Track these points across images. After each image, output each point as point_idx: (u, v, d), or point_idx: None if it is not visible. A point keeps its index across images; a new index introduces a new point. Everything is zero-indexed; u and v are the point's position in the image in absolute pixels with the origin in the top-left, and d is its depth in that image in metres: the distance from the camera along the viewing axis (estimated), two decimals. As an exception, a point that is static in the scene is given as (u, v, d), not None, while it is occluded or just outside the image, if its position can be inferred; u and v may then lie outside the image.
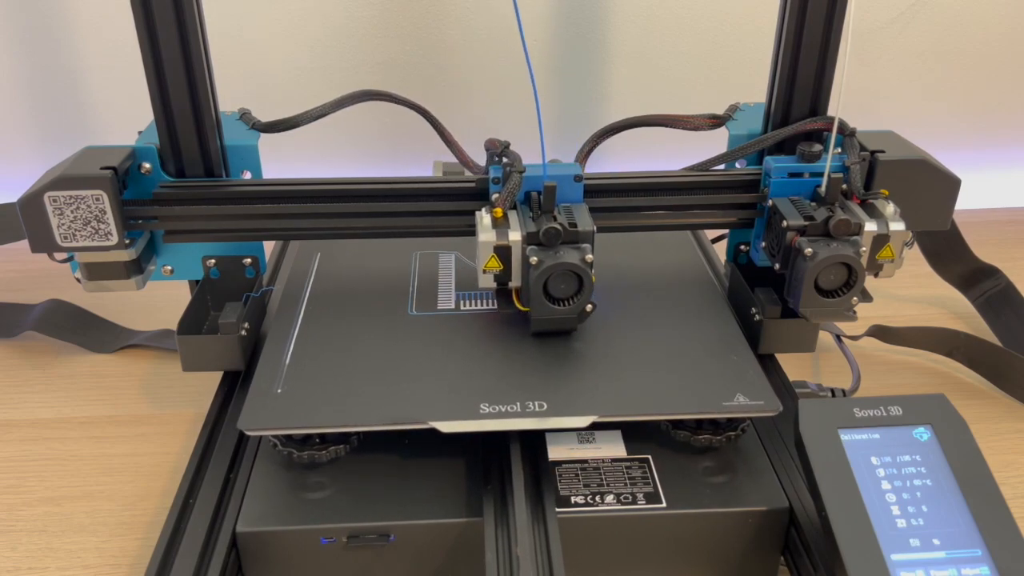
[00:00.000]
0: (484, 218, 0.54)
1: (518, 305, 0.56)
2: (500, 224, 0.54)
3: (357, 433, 0.52)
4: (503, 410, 0.50)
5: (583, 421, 0.50)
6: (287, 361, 0.55)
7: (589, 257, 0.52)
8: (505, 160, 0.56)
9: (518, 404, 0.50)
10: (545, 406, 0.50)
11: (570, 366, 0.54)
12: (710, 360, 0.55)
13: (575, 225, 0.53)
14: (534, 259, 0.52)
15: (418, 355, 0.55)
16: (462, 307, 0.60)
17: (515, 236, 0.53)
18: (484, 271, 0.54)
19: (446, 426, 0.49)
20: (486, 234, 0.53)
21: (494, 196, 0.55)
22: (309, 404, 0.51)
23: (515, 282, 0.55)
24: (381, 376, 0.53)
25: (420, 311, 0.60)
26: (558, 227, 0.52)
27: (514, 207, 0.56)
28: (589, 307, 0.55)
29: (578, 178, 0.57)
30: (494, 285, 0.55)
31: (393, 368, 0.54)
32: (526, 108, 0.96)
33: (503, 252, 0.53)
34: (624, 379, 0.53)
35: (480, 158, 0.63)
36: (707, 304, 0.61)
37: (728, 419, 0.53)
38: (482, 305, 0.61)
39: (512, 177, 0.55)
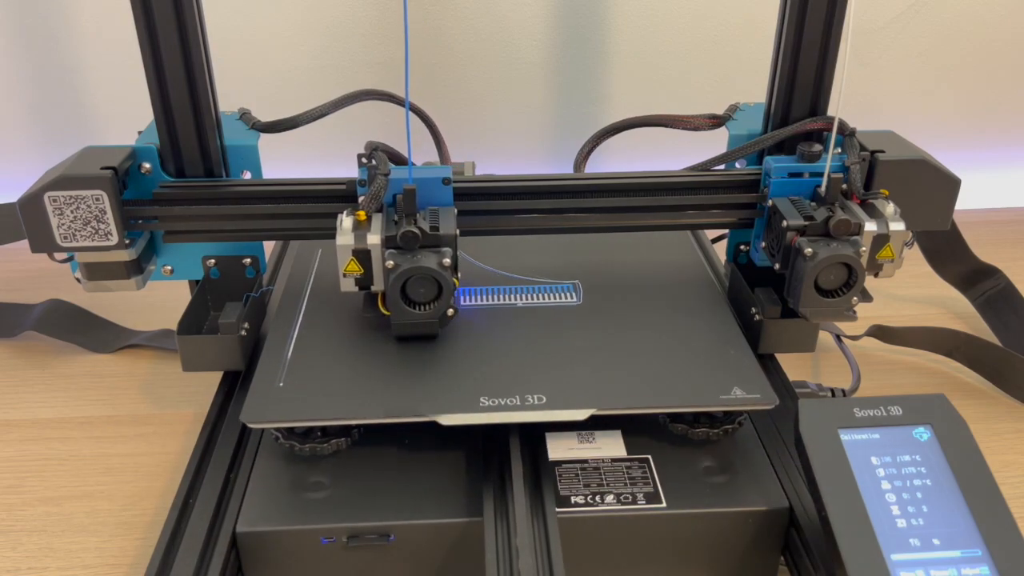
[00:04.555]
0: (344, 221, 0.53)
1: (382, 309, 0.56)
2: (362, 227, 0.53)
3: (358, 426, 0.53)
4: (503, 403, 0.51)
5: (582, 414, 0.50)
6: (288, 356, 0.55)
7: (447, 261, 0.52)
8: (373, 162, 0.55)
9: (517, 397, 0.51)
10: (544, 399, 0.51)
11: (569, 361, 0.55)
12: (707, 355, 0.55)
13: (437, 228, 0.53)
14: (390, 263, 0.52)
15: (418, 350, 0.56)
16: (462, 302, 0.61)
17: (374, 240, 0.53)
18: (344, 275, 0.54)
19: (447, 419, 0.50)
20: (344, 237, 0.53)
21: (360, 199, 0.55)
22: (311, 397, 0.51)
23: (377, 286, 0.54)
24: (382, 371, 0.54)
25: None
26: (416, 231, 0.52)
27: (381, 210, 0.55)
28: (451, 312, 0.54)
29: (447, 181, 0.56)
30: (355, 289, 0.55)
31: (393, 363, 0.54)
32: (526, 109, 0.96)
33: (363, 256, 0.53)
34: (622, 373, 0.54)
35: (477, 158, 0.63)
36: (706, 303, 0.61)
37: (725, 412, 0.53)
38: (481, 301, 0.61)
39: (376, 179, 0.54)
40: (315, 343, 0.57)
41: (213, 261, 0.62)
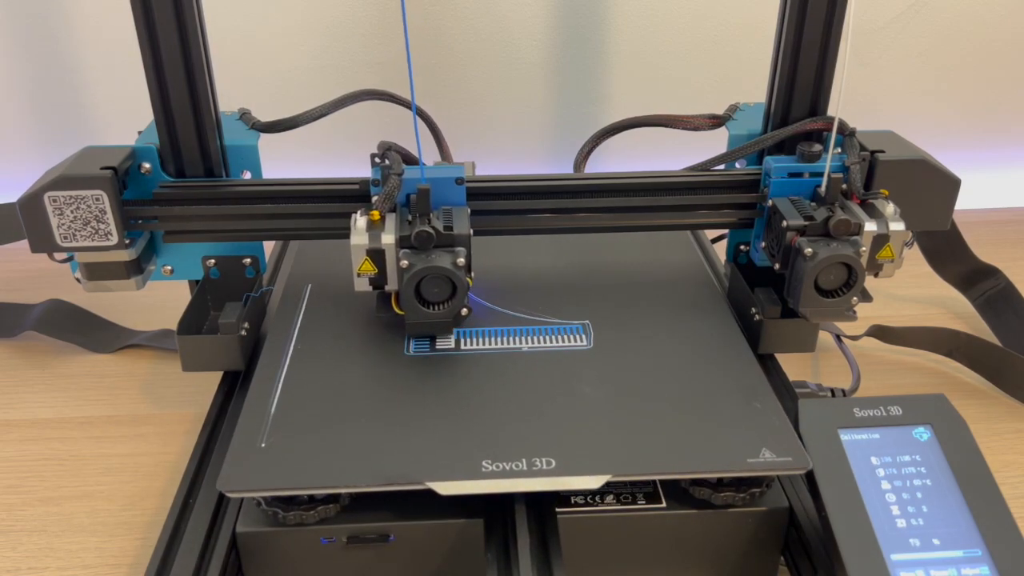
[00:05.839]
0: (358, 221, 0.53)
1: (396, 309, 0.55)
2: (376, 227, 0.53)
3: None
4: (508, 468, 0.47)
5: (596, 482, 0.46)
6: (273, 409, 0.52)
7: (461, 261, 0.52)
8: (387, 162, 0.55)
9: (524, 461, 0.47)
10: (553, 463, 0.47)
11: (579, 414, 0.51)
12: (731, 407, 0.51)
13: (451, 228, 0.53)
14: (404, 262, 0.51)
15: (414, 402, 0.52)
16: (462, 347, 0.57)
17: (388, 239, 0.52)
18: (359, 275, 0.54)
19: (445, 487, 0.46)
20: (358, 237, 0.53)
21: (374, 199, 0.55)
22: (296, 461, 0.48)
23: (391, 286, 0.54)
24: (373, 427, 0.50)
25: (417, 351, 0.57)
26: (430, 230, 0.52)
27: (394, 210, 0.55)
28: (464, 311, 0.54)
29: (459, 181, 0.56)
30: (368, 289, 0.54)
31: (387, 418, 0.51)
32: (527, 109, 0.96)
33: (377, 255, 0.53)
34: (638, 430, 0.50)
35: (478, 158, 0.63)
36: (712, 314, 0.60)
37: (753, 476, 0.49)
38: (485, 344, 0.57)
39: (390, 179, 0.54)
40: (302, 392, 0.53)
41: (213, 261, 0.62)
